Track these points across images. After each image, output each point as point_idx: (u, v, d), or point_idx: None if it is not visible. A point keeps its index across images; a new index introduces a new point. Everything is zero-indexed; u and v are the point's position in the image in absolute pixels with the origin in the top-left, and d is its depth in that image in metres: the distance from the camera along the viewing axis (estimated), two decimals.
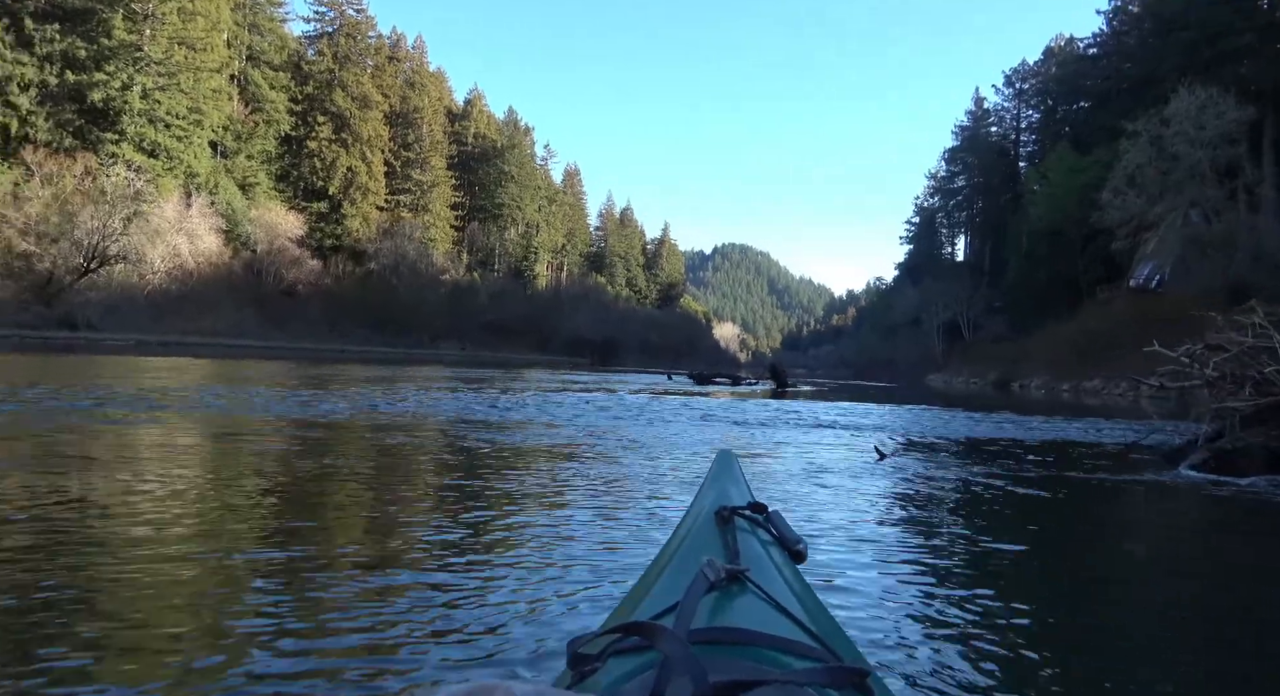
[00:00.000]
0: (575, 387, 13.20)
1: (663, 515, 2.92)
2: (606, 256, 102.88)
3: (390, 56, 66.29)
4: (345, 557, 2.17)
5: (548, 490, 3.42)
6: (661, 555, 1.05)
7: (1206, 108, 30.26)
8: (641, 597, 0.85)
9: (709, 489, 1.25)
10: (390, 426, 5.70)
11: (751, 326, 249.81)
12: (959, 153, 71.63)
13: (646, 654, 0.59)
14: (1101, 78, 51.63)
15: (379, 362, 22.72)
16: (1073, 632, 1.79)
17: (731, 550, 0.90)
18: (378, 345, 44.97)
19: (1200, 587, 2.46)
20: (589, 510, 2.97)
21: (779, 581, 0.83)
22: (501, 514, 2.85)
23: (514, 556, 2.26)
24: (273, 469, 3.64)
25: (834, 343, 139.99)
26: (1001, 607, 1.91)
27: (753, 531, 1.02)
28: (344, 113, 55.45)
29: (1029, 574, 2.40)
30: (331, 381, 10.88)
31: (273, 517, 2.66)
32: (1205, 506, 4.15)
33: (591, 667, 0.62)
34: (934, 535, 2.84)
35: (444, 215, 69.44)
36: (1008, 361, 41.07)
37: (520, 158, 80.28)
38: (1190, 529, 3.67)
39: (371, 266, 57.59)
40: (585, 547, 2.36)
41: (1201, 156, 30.12)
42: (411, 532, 2.53)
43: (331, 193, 55.62)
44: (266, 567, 2.01)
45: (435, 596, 1.82)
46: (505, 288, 71.94)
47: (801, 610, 0.75)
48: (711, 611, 0.69)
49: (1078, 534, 3.27)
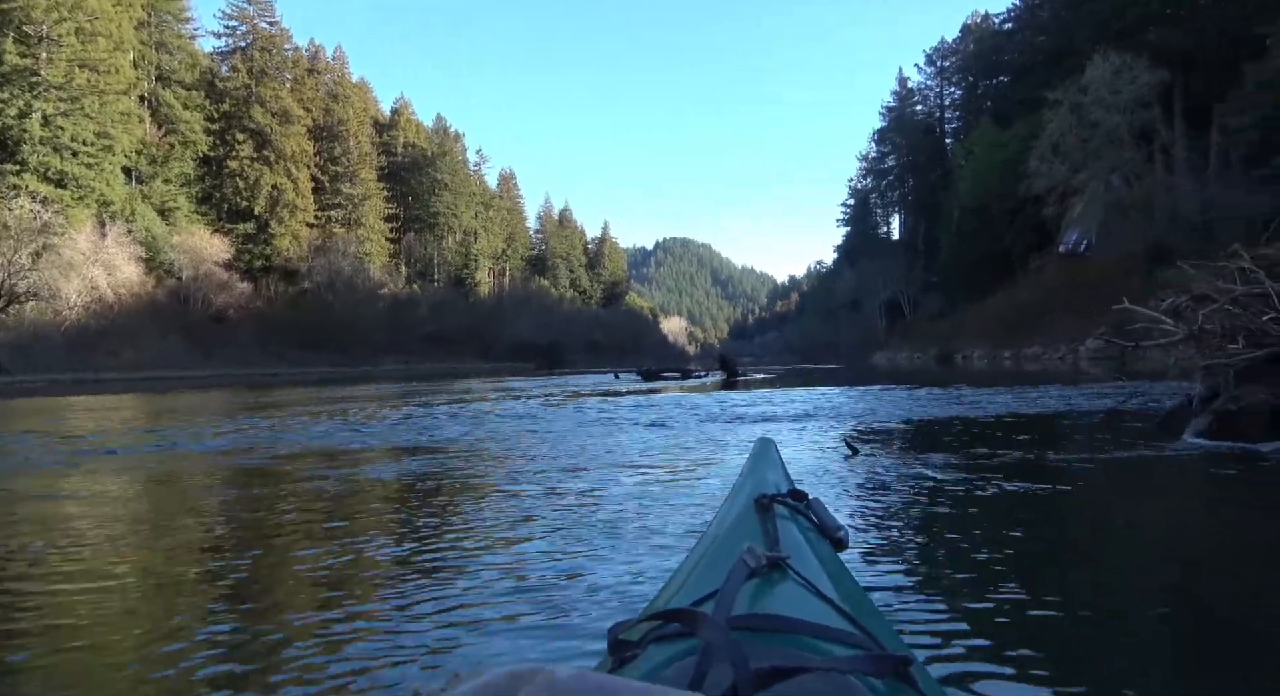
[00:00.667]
0: (512, 395, 12.61)
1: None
2: (548, 259, 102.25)
3: (310, 69, 64.60)
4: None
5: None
6: (701, 542, 1.05)
7: (1121, 73, 31.26)
8: (682, 584, 0.86)
9: (748, 476, 1.27)
10: (320, 462, 5.22)
11: (698, 319, 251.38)
12: (887, 133, 73.08)
13: (687, 640, 0.59)
14: (1018, 52, 53.09)
15: (316, 384, 21.96)
16: (1110, 621, 1.75)
17: (771, 537, 0.90)
18: (316, 365, 43.72)
19: (1247, 578, 2.24)
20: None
21: (820, 569, 0.84)
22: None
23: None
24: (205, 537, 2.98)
25: (779, 329, 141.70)
26: (1030, 598, 1.87)
27: (793, 519, 1.02)
28: (264, 129, 53.77)
29: (1052, 563, 2.33)
30: (262, 409, 10.15)
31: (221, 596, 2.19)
32: (1224, 482, 3.66)
33: (632, 653, 0.62)
34: (941, 527, 2.76)
35: (378, 228, 68.02)
36: (948, 335, 42.07)
37: (452, 165, 79.14)
38: (1212, 507, 3.27)
39: (305, 285, 56.07)
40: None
41: (1119, 121, 31.12)
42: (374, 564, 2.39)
43: (257, 212, 53.90)
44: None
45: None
46: (446, 297, 70.86)
47: (842, 597, 0.75)
48: (752, 598, 0.69)
49: (1093, 520, 3.02)
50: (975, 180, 48.60)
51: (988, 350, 34.29)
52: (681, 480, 3.83)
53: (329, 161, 63.89)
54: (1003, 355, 31.93)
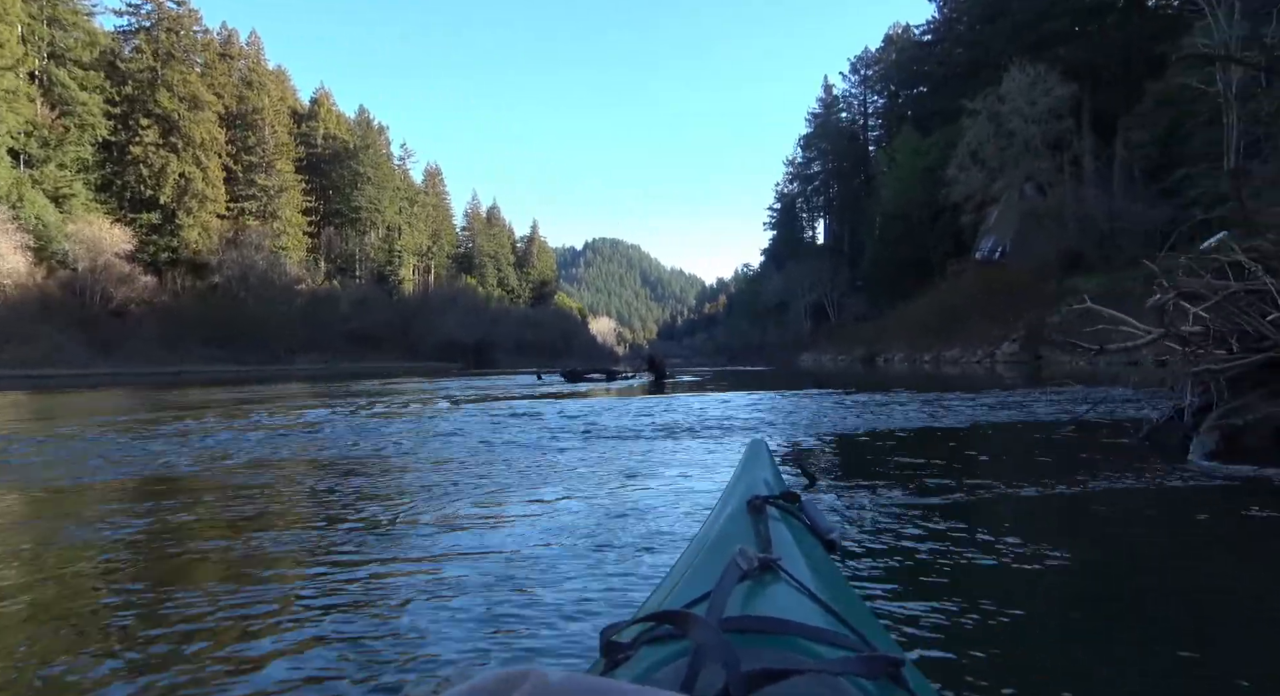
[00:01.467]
0: (419, 398, 11.74)
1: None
2: (475, 257, 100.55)
3: (222, 54, 61.52)
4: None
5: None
6: (694, 544, 1.04)
7: (1036, 85, 32.48)
8: (674, 586, 0.86)
9: (741, 478, 1.28)
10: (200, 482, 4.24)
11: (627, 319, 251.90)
12: (813, 139, 74.44)
13: (679, 642, 0.59)
14: (937, 63, 54.73)
15: (226, 383, 20.71)
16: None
17: (764, 539, 0.91)
18: (225, 363, 41.55)
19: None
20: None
21: (811, 570, 0.84)
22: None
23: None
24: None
25: (707, 330, 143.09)
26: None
27: (785, 520, 1.02)
28: (171, 115, 50.83)
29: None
30: (147, 414, 9.28)
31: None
32: (1253, 527, 2.87)
33: (624, 656, 0.62)
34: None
35: (296, 221, 65.33)
36: (871, 338, 43.00)
37: (375, 158, 76.80)
38: (1240, 550, 2.63)
39: (215, 279, 53.30)
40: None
41: (1034, 131, 32.31)
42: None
43: (163, 202, 50.90)
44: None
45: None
46: (368, 294, 68.68)
47: (834, 599, 0.74)
48: (744, 600, 0.69)
49: (1106, 549, 2.59)
50: (897, 187, 49.91)
51: (908, 353, 35.15)
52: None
53: (242, 151, 60.98)
54: (923, 358, 32.75)
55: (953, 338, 30.87)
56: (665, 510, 3.05)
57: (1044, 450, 4.99)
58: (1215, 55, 21.07)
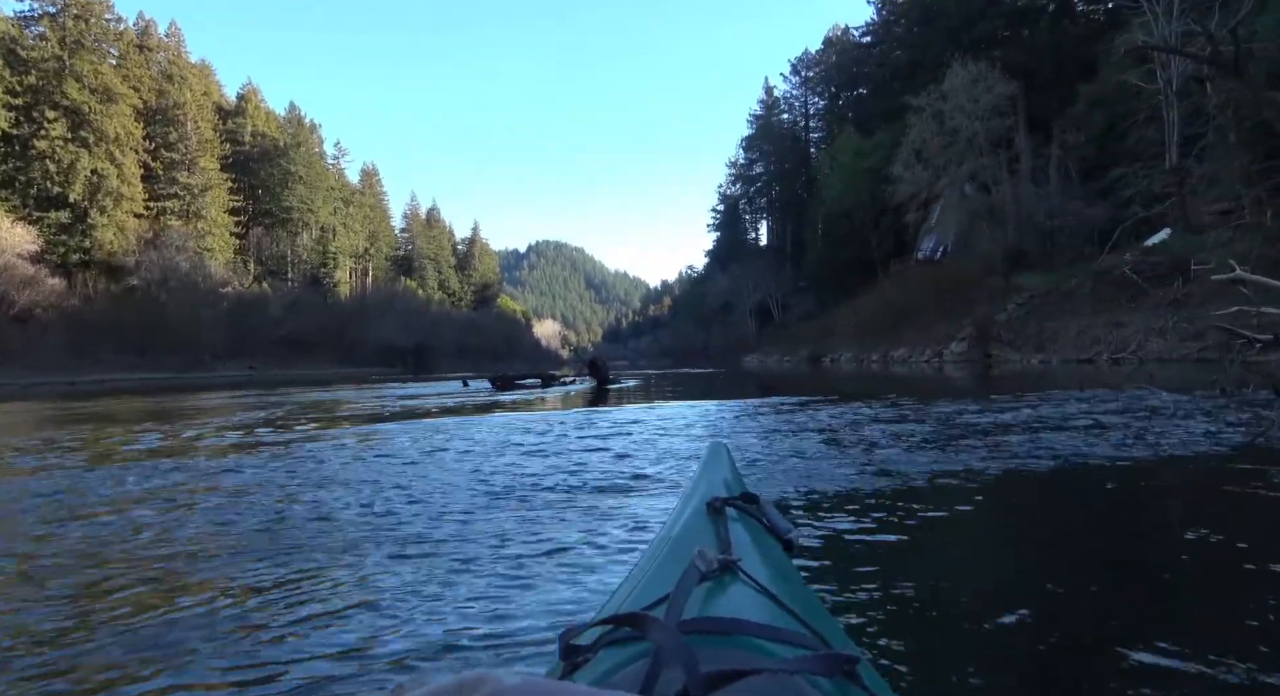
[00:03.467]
0: (318, 415, 9.86)
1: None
2: (415, 259, 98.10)
3: (139, 45, 58.31)
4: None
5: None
6: (654, 546, 1.04)
7: (977, 82, 32.50)
8: (634, 588, 0.86)
9: (701, 480, 1.26)
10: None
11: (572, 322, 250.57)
12: (755, 140, 74.37)
13: (639, 644, 0.59)
14: (876, 64, 55.06)
15: (137, 393, 18.92)
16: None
17: (723, 540, 0.91)
18: (140, 371, 38.91)
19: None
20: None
21: (770, 571, 0.85)
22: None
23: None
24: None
25: (652, 333, 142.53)
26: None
27: (744, 521, 1.03)
28: (81, 107, 47.63)
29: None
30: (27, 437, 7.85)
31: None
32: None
33: (584, 658, 0.62)
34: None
35: (221, 221, 62.32)
36: (816, 338, 42.71)
37: (307, 156, 74.02)
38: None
39: (133, 282, 50.18)
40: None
41: (977, 128, 32.30)
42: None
43: (73, 200, 47.64)
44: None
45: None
46: (301, 297, 65.99)
47: (792, 599, 0.75)
48: (703, 601, 0.69)
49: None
50: (839, 187, 49.90)
51: (855, 353, 34.83)
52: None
53: (163, 147, 57.83)
54: (870, 358, 32.45)
55: (899, 337, 30.59)
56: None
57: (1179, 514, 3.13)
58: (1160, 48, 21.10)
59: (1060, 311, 22.29)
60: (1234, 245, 17.23)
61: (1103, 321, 19.49)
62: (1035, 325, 22.98)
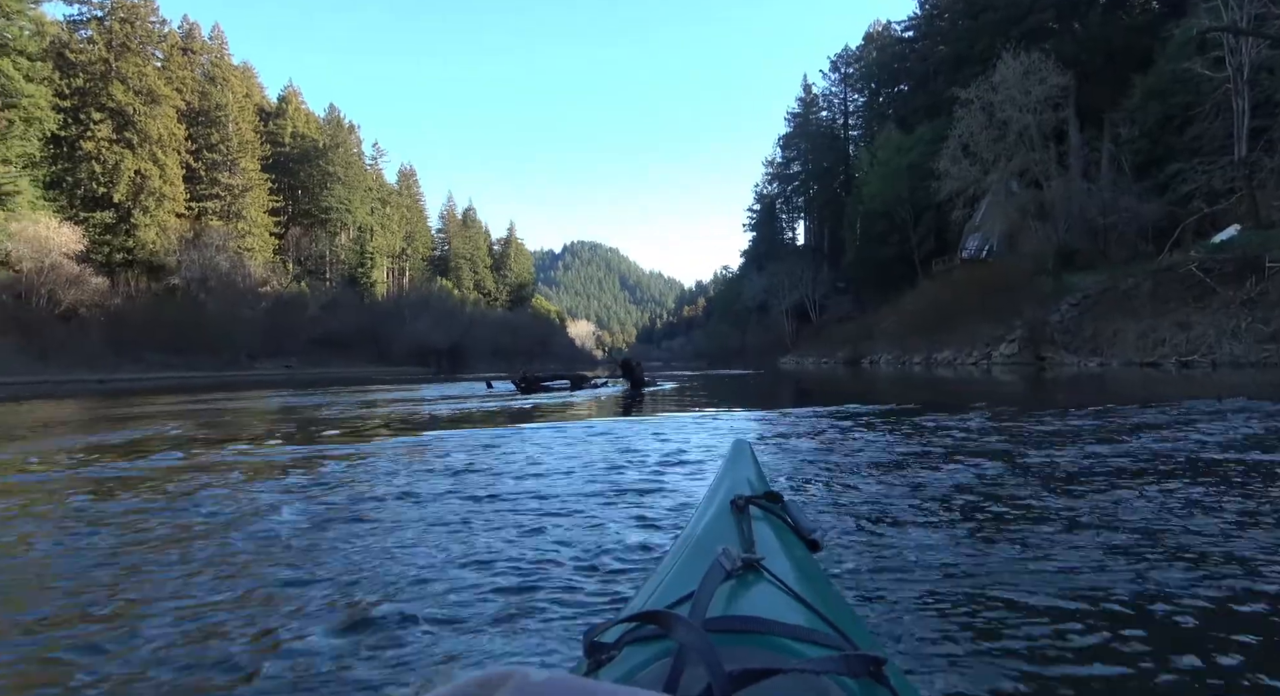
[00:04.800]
0: (331, 417, 8.96)
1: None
2: (451, 259, 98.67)
3: (183, 48, 59.26)
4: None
5: None
6: (678, 544, 1.03)
7: (1029, 74, 31.22)
8: (658, 586, 0.86)
9: (724, 478, 1.25)
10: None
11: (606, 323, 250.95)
12: (793, 139, 73.34)
13: (662, 642, 0.59)
14: (919, 59, 53.77)
15: (174, 391, 18.80)
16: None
17: (747, 539, 0.91)
18: (180, 370, 39.30)
19: None
20: None
21: (794, 570, 0.84)
22: None
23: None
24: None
25: (686, 334, 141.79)
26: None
27: (768, 520, 1.02)
28: (126, 109, 48.45)
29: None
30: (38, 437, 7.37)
31: None
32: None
33: (608, 656, 0.62)
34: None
35: (261, 222, 63.09)
36: (854, 339, 41.60)
37: (346, 157, 74.76)
38: None
39: (174, 281, 50.92)
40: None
41: (1029, 121, 31.03)
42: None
43: (118, 200, 48.46)
44: None
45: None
46: (339, 297, 66.57)
47: (817, 598, 0.74)
48: (727, 600, 0.69)
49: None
50: (879, 185, 48.77)
51: (896, 355, 33.68)
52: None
53: (205, 149, 58.72)
54: (912, 360, 31.33)
55: (943, 339, 29.41)
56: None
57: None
58: (1235, 29, 19.83)
59: (1118, 312, 21.10)
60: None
61: (1167, 322, 18.32)
62: (1091, 326, 21.82)
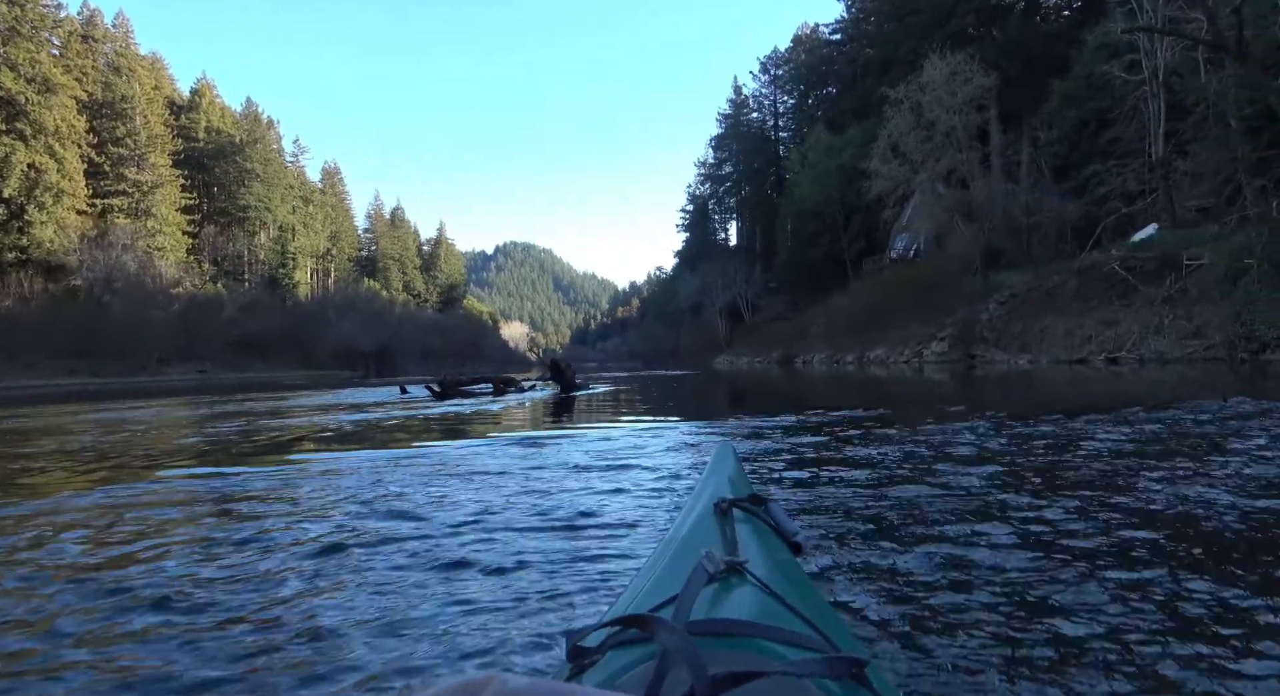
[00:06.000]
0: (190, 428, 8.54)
1: None
2: (379, 260, 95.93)
3: (83, 35, 55.75)
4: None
5: None
6: (661, 547, 1.03)
7: (956, 75, 31.72)
8: (641, 590, 0.85)
9: (708, 481, 1.25)
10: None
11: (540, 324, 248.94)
12: (724, 140, 73.57)
13: (646, 646, 0.59)
14: (846, 62, 54.49)
15: (63, 400, 17.19)
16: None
17: (730, 542, 0.92)
18: (83, 376, 36.71)
19: None
20: None
21: (777, 572, 0.84)
22: None
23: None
24: None
25: (620, 335, 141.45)
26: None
27: (751, 523, 1.02)
28: (17, 98, 45.14)
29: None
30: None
31: None
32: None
33: (591, 660, 0.61)
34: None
35: (173, 220, 59.94)
36: (788, 339, 41.73)
37: (265, 153, 71.78)
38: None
39: (75, 282, 47.71)
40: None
41: (955, 121, 31.50)
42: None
43: (8, 195, 45.04)
44: None
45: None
46: (258, 299, 63.80)
47: (799, 601, 0.74)
48: (710, 603, 0.69)
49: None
50: (810, 186, 49.12)
51: (829, 354, 33.83)
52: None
53: (110, 143, 55.44)
54: (845, 358, 31.47)
55: (875, 338, 29.62)
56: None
57: None
58: (1155, 29, 20.34)
59: (1044, 310, 21.46)
60: (1231, 238, 16.50)
61: (1093, 320, 18.64)
62: (1019, 324, 22.14)
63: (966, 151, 31.53)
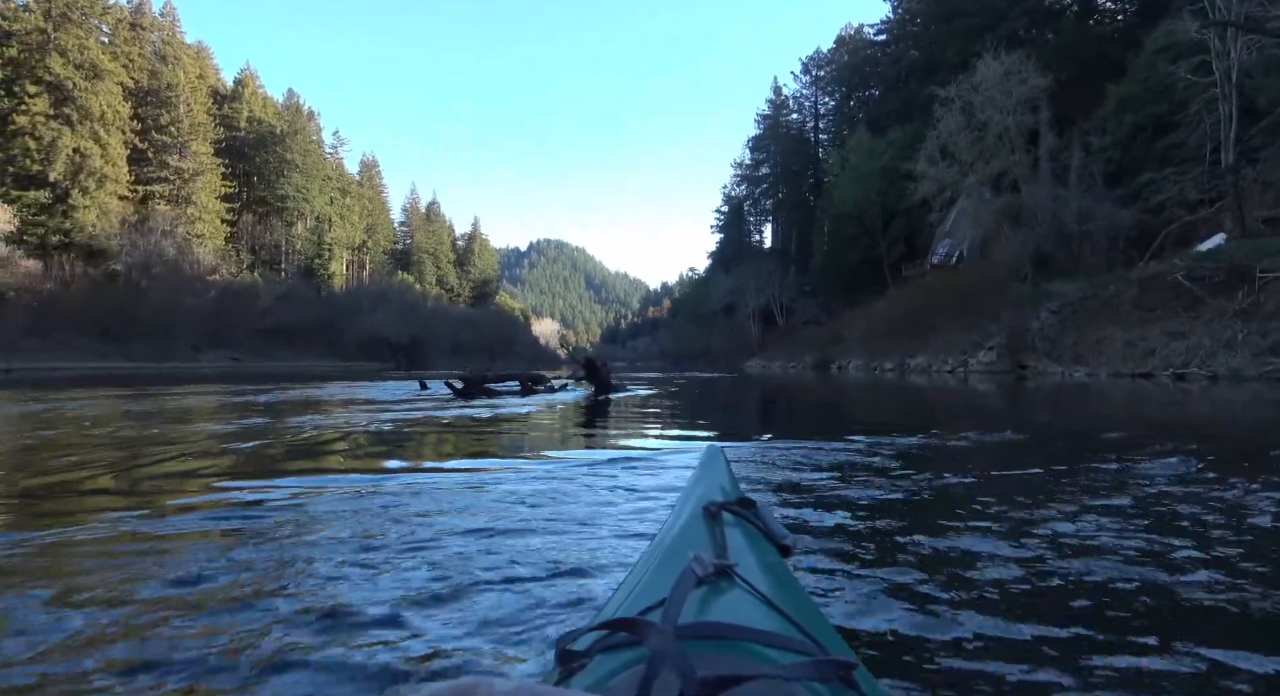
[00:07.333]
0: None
1: None
2: (413, 253, 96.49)
3: (131, 23, 56.57)
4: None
5: None
6: (650, 551, 1.03)
7: (1010, 75, 30.62)
8: (630, 593, 0.85)
9: (697, 484, 1.25)
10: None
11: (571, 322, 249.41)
12: (762, 141, 72.53)
13: (635, 649, 0.59)
14: (890, 63, 53.29)
15: (92, 384, 16.98)
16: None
17: (719, 545, 0.92)
18: (114, 360, 37.00)
19: None
20: None
21: (766, 576, 0.84)
22: None
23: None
24: None
25: (651, 334, 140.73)
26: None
27: (740, 526, 1.02)
28: (65, 83, 45.81)
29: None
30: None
31: None
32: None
33: (579, 664, 0.61)
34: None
35: (212, 207, 60.57)
36: (823, 344, 40.76)
37: (305, 144, 72.34)
38: None
39: (115, 266, 48.29)
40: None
41: (1009, 122, 30.38)
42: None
43: (54, 179, 45.75)
44: None
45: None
46: (293, 288, 64.27)
47: (788, 604, 0.75)
48: (699, 606, 0.69)
49: None
50: (850, 189, 48.06)
51: (866, 360, 32.79)
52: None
53: (154, 129, 56.20)
54: (883, 366, 30.42)
55: (917, 345, 28.58)
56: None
57: None
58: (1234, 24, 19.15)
59: (1101, 320, 20.36)
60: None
61: (1157, 331, 17.56)
62: (1073, 334, 21.06)
63: (1020, 153, 30.33)
